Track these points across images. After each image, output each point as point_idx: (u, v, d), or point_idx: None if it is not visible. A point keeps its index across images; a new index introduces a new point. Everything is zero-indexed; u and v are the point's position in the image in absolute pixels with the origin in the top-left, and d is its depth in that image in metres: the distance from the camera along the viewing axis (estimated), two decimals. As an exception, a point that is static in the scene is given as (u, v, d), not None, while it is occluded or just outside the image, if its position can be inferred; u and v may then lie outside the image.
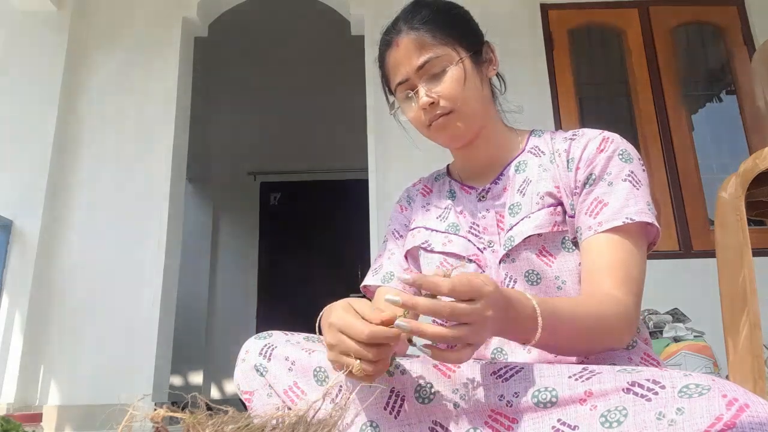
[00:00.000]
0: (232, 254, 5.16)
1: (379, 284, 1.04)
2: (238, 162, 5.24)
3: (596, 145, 0.90)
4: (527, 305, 0.68)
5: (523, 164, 0.97)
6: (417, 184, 1.13)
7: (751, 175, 1.12)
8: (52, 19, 3.25)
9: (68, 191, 3.04)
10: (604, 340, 0.78)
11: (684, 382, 0.57)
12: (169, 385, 3.03)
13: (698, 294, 2.11)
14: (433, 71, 0.92)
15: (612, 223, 0.84)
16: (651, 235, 0.88)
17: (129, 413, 0.59)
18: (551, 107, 3.21)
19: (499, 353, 0.92)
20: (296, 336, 0.89)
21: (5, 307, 2.78)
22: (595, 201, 0.87)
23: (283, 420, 0.55)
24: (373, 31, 3.22)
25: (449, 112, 0.92)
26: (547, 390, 0.66)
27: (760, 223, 2.77)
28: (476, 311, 0.61)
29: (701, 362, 2.17)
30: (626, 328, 0.79)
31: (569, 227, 0.89)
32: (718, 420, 0.52)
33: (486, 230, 0.96)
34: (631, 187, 0.86)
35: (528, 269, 0.88)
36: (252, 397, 0.84)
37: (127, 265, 2.93)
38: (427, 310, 0.62)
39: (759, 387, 1.02)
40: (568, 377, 0.67)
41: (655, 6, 3.38)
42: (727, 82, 3.43)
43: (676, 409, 0.54)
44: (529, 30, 3.33)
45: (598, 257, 0.83)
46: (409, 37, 0.93)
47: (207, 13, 3.53)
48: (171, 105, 3.19)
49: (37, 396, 2.74)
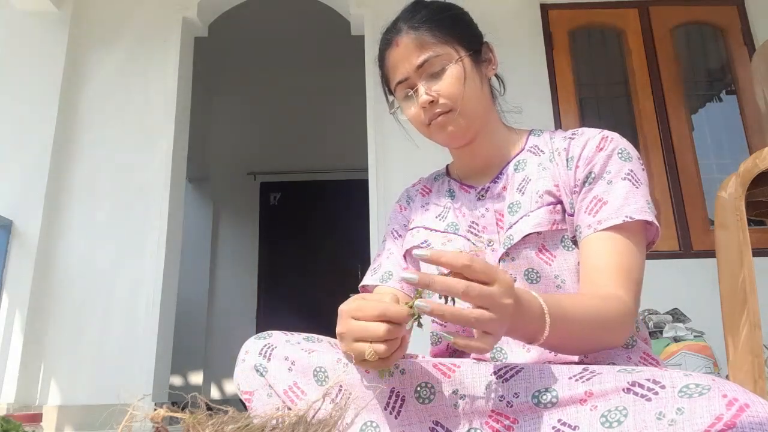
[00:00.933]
0: (232, 254, 5.16)
1: (377, 284, 1.04)
2: (238, 162, 5.24)
3: (596, 143, 0.91)
4: (535, 303, 0.68)
5: (523, 163, 0.97)
6: (416, 185, 1.14)
7: (751, 175, 1.12)
8: (52, 19, 3.25)
9: (68, 191, 3.04)
10: (605, 339, 0.78)
11: (684, 381, 0.57)
12: (169, 385, 3.03)
13: (698, 294, 2.12)
14: (433, 70, 0.92)
15: (611, 222, 0.84)
16: (650, 234, 0.88)
17: (129, 413, 0.59)
18: (551, 107, 3.21)
19: (499, 352, 0.92)
20: (296, 336, 0.89)
21: (5, 307, 2.78)
22: (594, 199, 0.87)
23: (283, 420, 0.55)
24: (373, 31, 3.22)
25: (449, 111, 0.92)
26: (547, 391, 0.66)
27: (760, 223, 2.77)
28: (493, 294, 0.60)
29: (701, 362, 2.17)
30: (626, 326, 0.79)
31: (569, 226, 0.89)
32: (719, 420, 0.52)
33: (485, 229, 0.96)
34: (631, 186, 0.86)
35: (527, 268, 0.89)
36: (252, 397, 0.84)
37: (126, 265, 2.93)
38: (442, 286, 0.60)
39: (759, 387, 1.02)
40: (568, 378, 0.67)
41: (655, 6, 3.38)
42: (727, 82, 3.43)
43: (676, 409, 0.54)
44: (529, 30, 3.33)
45: (597, 256, 0.83)
46: (409, 36, 0.94)
47: (207, 13, 3.53)
48: (171, 105, 3.19)
49: (37, 396, 2.74)
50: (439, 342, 1.00)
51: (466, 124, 0.94)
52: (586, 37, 3.51)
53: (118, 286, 2.90)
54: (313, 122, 5.22)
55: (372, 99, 3.18)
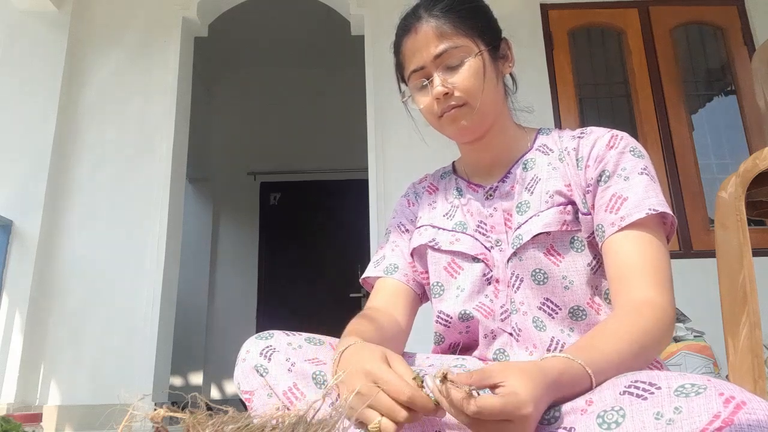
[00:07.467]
0: (232, 254, 5.16)
1: (380, 275, 1.03)
2: (238, 162, 5.24)
3: (605, 142, 0.90)
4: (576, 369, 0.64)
5: (532, 162, 0.96)
6: (423, 181, 1.12)
7: (751, 175, 1.11)
8: (52, 19, 3.25)
9: (68, 191, 3.04)
10: (652, 353, 0.75)
11: (680, 381, 0.57)
12: (169, 385, 3.03)
13: (698, 294, 2.11)
14: (451, 62, 0.90)
15: (635, 216, 0.82)
16: (665, 229, 0.87)
17: (129, 413, 0.59)
18: (551, 107, 3.21)
19: (501, 354, 0.92)
20: (298, 337, 0.88)
21: (5, 307, 2.78)
22: (614, 197, 0.85)
23: (283, 420, 0.55)
24: (373, 31, 3.22)
25: (462, 105, 0.90)
26: (551, 407, 0.65)
27: (760, 223, 2.77)
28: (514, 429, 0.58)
29: (701, 362, 2.17)
30: (668, 332, 0.77)
31: (583, 226, 0.88)
32: (716, 417, 0.52)
33: (493, 229, 0.95)
34: (649, 180, 0.85)
35: (535, 268, 0.88)
36: (252, 397, 0.83)
37: (127, 265, 2.93)
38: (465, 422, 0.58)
39: (759, 387, 1.02)
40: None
41: (655, 6, 3.38)
42: (727, 82, 3.43)
43: (673, 408, 0.54)
44: (529, 30, 3.33)
45: (625, 257, 0.82)
46: (429, 24, 0.91)
47: (207, 13, 3.53)
48: (171, 105, 3.19)
49: (37, 396, 2.74)
50: (442, 341, 1.00)
51: (479, 120, 0.92)
52: (586, 37, 3.51)
53: (118, 286, 2.90)
54: (313, 122, 5.22)
55: (372, 99, 3.17)
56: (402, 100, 0.99)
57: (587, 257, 0.88)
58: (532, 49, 3.28)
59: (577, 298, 0.88)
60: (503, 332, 0.92)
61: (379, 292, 1.02)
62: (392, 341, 0.91)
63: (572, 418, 0.63)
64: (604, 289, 0.89)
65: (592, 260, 0.89)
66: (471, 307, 0.93)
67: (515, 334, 0.90)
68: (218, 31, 3.80)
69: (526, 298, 0.89)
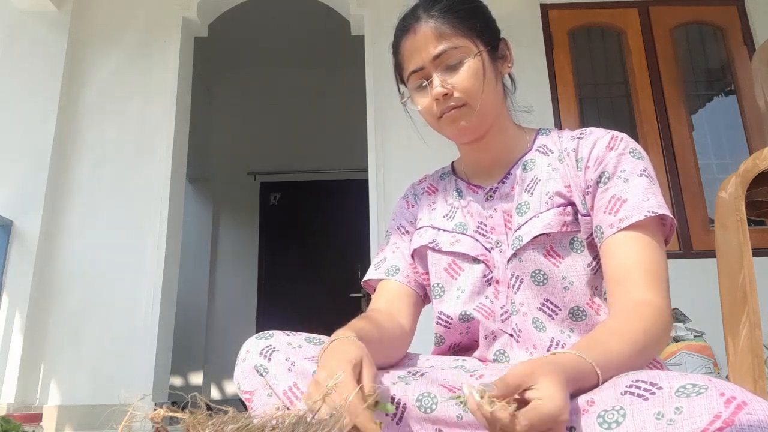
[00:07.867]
0: (232, 254, 5.16)
1: (382, 277, 1.03)
2: (238, 162, 5.24)
3: (605, 143, 0.90)
4: (586, 367, 0.65)
5: (531, 163, 0.96)
6: (422, 182, 1.11)
7: (751, 175, 1.11)
8: (52, 19, 3.25)
9: (68, 191, 3.04)
10: (651, 354, 0.76)
11: (681, 381, 0.57)
12: (169, 385, 3.03)
13: (698, 294, 2.11)
14: (450, 62, 0.90)
15: (634, 218, 0.82)
16: (664, 231, 0.87)
17: (129, 413, 0.59)
18: (551, 107, 3.21)
19: (501, 355, 0.92)
20: (298, 337, 0.88)
21: (5, 307, 2.78)
22: (613, 198, 0.85)
23: (283, 420, 0.55)
24: (373, 31, 3.22)
25: (462, 105, 0.90)
26: None
27: (760, 223, 2.77)
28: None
29: (701, 362, 2.17)
30: (667, 333, 0.78)
31: (582, 227, 0.88)
32: (717, 417, 0.52)
33: (493, 230, 0.95)
34: (648, 182, 0.85)
35: (534, 269, 0.88)
36: (252, 397, 0.83)
37: (126, 265, 2.93)
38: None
39: (759, 387, 1.02)
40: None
41: (655, 6, 3.38)
42: (727, 82, 3.43)
43: (674, 408, 0.54)
44: (529, 30, 3.33)
45: (623, 258, 0.82)
46: (428, 25, 0.91)
47: (207, 13, 3.53)
48: (171, 105, 3.19)
49: (37, 396, 2.74)
50: (442, 342, 1.00)
51: (478, 121, 0.92)
52: (586, 37, 3.51)
53: (118, 286, 2.90)
54: (313, 122, 5.22)
55: (372, 99, 3.17)
56: (401, 101, 0.99)
57: (587, 258, 0.88)
58: (532, 49, 3.28)
59: (576, 299, 0.88)
60: (503, 333, 0.92)
61: (381, 294, 1.02)
62: (393, 342, 0.91)
63: (572, 418, 0.63)
64: (604, 290, 0.89)
65: (591, 261, 0.89)
66: (471, 308, 0.93)
67: (515, 334, 0.90)
68: (218, 31, 3.80)
69: (526, 298, 0.89)
